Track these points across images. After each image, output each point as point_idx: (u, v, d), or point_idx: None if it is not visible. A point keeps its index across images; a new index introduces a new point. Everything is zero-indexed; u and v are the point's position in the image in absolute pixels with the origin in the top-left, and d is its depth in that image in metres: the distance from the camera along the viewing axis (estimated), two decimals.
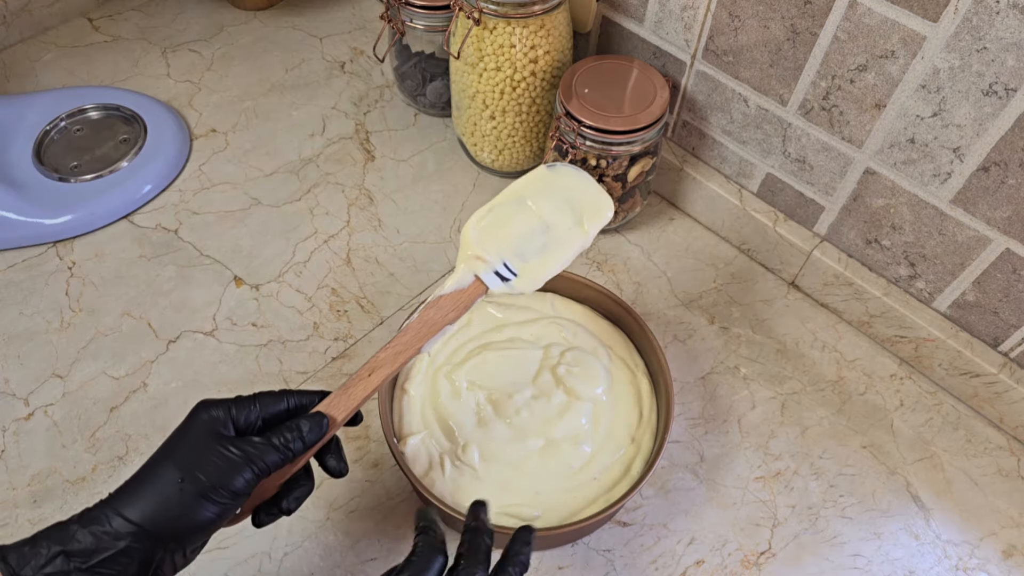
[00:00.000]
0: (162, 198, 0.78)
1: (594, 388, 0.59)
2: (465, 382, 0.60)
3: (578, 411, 0.58)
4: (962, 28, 0.50)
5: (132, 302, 0.70)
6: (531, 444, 0.57)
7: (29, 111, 0.82)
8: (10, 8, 0.89)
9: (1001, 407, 0.64)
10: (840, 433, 0.64)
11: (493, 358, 0.61)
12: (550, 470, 0.56)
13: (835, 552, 0.58)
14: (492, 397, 0.59)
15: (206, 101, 0.87)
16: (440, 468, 0.56)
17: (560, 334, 0.63)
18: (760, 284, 0.74)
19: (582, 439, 0.57)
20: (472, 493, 0.54)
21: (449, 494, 0.55)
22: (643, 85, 0.68)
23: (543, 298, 0.66)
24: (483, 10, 0.66)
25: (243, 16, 0.97)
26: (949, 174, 0.57)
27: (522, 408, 0.58)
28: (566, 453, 0.57)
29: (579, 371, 0.60)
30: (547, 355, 0.61)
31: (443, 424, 0.58)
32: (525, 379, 0.60)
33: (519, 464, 0.56)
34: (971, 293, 0.62)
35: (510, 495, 0.55)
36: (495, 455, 0.56)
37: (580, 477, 0.56)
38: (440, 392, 0.59)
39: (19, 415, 0.63)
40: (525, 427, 0.57)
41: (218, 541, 0.57)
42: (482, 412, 0.58)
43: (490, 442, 0.57)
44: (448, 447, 0.57)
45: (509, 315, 0.64)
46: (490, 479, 0.56)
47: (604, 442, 0.58)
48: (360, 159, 0.83)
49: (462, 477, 0.56)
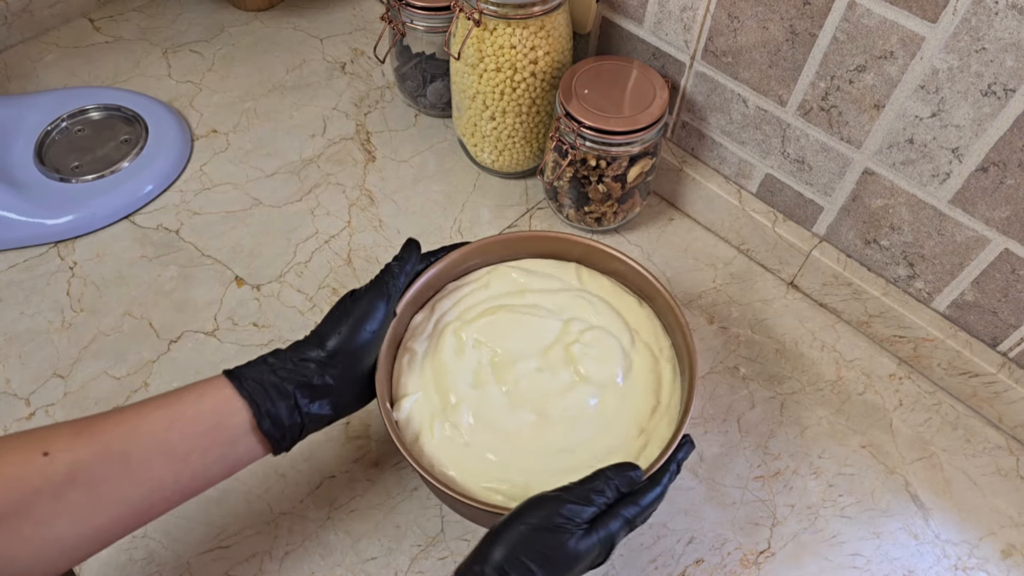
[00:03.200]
0: (163, 198, 0.78)
1: (608, 373, 0.56)
2: (472, 339, 0.56)
3: (584, 393, 0.55)
4: (961, 29, 0.51)
5: (133, 302, 0.70)
6: (522, 417, 0.53)
7: (30, 111, 0.82)
8: (11, 9, 0.89)
9: (1000, 407, 0.64)
10: (839, 433, 0.65)
11: (509, 319, 0.57)
12: (543, 448, 0.53)
13: (834, 551, 0.58)
14: (495, 359, 0.56)
15: (207, 102, 0.87)
16: (430, 433, 0.53)
17: (585, 309, 0.59)
18: (759, 284, 0.74)
19: (582, 422, 0.54)
20: (459, 462, 0.52)
21: (437, 462, 0.52)
22: (643, 86, 0.69)
23: (567, 267, 0.62)
24: (483, 11, 0.66)
25: (244, 17, 0.97)
26: (948, 174, 0.57)
27: (522, 377, 0.55)
28: (559, 433, 0.53)
29: (595, 352, 0.56)
30: (566, 330, 0.58)
31: (439, 381, 0.55)
32: (535, 349, 0.56)
33: (508, 436, 0.53)
34: (970, 293, 0.62)
35: (495, 468, 0.52)
36: (485, 421, 0.53)
37: (574, 460, 0.52)
38: (444, 348, 0.56)
39: (20, 415, 0.63)
40: (521, 398, 0.54)
41: (218, 540, 0.57)
42: (481, 373, 0.55)
43: (483, 406, 0.54)
44: (439, 406, 0.54)
45: (531, 281, 0.61)
46: (479, 446, 0.52)
47: (608, 429, 0.54)
48: (361, 160, 0.83)
49: (451, 445, 0.53)
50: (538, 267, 0.62)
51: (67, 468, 0.41)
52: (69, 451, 0.42)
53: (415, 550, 0.57)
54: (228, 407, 0.47)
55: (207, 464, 0.46)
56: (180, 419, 0.45)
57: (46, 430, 0.43)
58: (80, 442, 0.43)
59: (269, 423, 0.47)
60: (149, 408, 0.46)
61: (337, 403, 0.51)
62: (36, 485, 0.41)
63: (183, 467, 0.45)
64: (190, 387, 0.48)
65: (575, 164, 0.70)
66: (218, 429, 0.46)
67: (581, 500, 0.45)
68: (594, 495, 0.46)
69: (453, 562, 0.57)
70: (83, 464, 0.42)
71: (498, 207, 0.79)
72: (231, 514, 0.59)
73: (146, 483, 0.44)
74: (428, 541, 0.58)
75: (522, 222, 0.78)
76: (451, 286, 0.61)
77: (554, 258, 0.63)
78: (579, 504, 0.45)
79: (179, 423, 0.45)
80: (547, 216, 0.78)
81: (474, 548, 0.45)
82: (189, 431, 0.45)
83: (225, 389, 0.47)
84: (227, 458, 0.47)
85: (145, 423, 0.45)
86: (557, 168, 0.72)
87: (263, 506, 0.59)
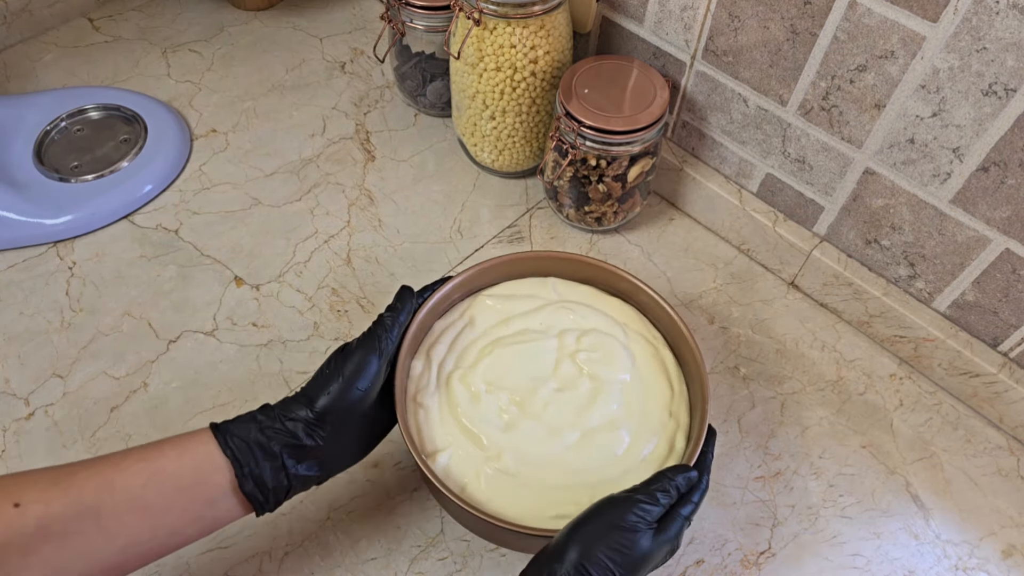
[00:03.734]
0: (162, 198, 0.78)
1: (618, 369, 0.56)
2: (483, 384, 0.56)
3: (608, 396, 0.55)
4: (962, 28, 0.50)
5: (132, 302, 0.70)
6: (567, 438, 0.54)
7: (29, 111, 0.82)
8: (10, 8, 0.89)
9: (1001, 407, 0.64)
10: (840, 433, 0.65)
11: (507, 354, 0.57)
12: (594, 460, 0.53)
13: (835, 552, 0.58)
14: (515, 397, 0.55)
15: (206, 101, 0.87)
16: (477, 481, 0.52)
17: (570, 318, 0.59)
18: (760, 284, 0.74)
19: (618, 423, 0.54)
20: (519, 502, 0.51)
21: (492, 507, 0.51)
22: (643, 85, 0.68)
23: (543, 283, 0.62)
24: (483, 10, 0.66)
25: (243, 16, 0.97)
26: (949, 174, 0.57)
27: (549, 403, 0.55)
28: (605, 440, 0.54)
29: (600, 355, 0.57)
30: (562, 343, 0.58)
31: (468, 433, 0.54)
32: (545, 372, 0.57)
33: (559, 461, 0.53)
34: (971, 293, 0.62)
35: (560, 493, 0.52)
36: (532, 457, 0.53)
37: (627, 461, 0.53)
38: (458, 399, 0.55)
39: (19, 415, 0.63)
40: (557, 422, 0.54)
41: (218, 541, 0.57)
42: (507, 414, 0.55)
43: (523, 444, 0.53)
44: (480, 457, 0.53)
45: (510, 306, 0.61)
46: (534, 483, 0.52)
47: (642, 421, 0.55)
48: (360, 159, 0.83)
49: (504, 487, 0.52)
50: (514, 289, 0.62)
51: (37, 521, 0.40)
52: (41, 503, 0.41)
53: (415, 551, 0.57)
54: (210, 464, 0.45)
55: (185, 522, 0.45)
56: (159, 473, 0.44)
57: (19, 478, 0.42)
58: (53, 494, 0.41)
59: (252, 484, 0.46)
60: (128, 461, 0.44)
61: (326, 464, 0.49)
62: (5, 538, 0.39)
63: (160, 523, 0.44)
64: (173, 440, 0.46)
65: (575, 164, 0.70)
66: (198, 487, 0.45)
67: (651, 500, 0.46)
68: (660, 494, 0.46)
69: (453, 563, 0.57)
70: (54, 518, 0.41)
71: (498, 207, 0.79)
72: None
73: (119, 539, 0.43)
74: (428, 542, 0.58)
75: (522, 222, 0.78)
76: (438, 326, 0.60)
77: (531, 276, 0.63)
78: (650, 503, 0.46)
79: (157, 477, 0.44)
80: (547, 216, 0.78)
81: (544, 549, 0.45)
82: (168, 486, 0.44)
83: (208, 445, 0.45)
84: (204, 518, 0.46)
85: (121, 476, 0.43)
86: (557, 168, 0.72)
87: None
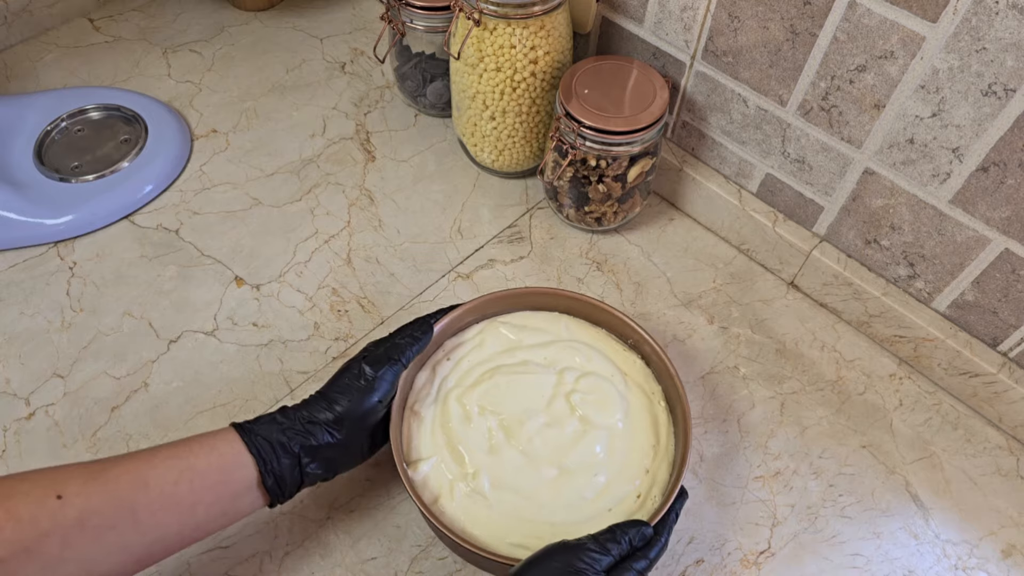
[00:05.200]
0: (163, 198, 0.78)
1: (610, 416, 0.58)
2: (476, 406, 0.58)
3: (592, 439, 0.57)
4: (961, 28, 0.50)
5: (133, 302, 0.70)
6: (544, 473, 0.55)
7: (30, 111, 0.82)
8: (11, 8, 0.89)
9: (1000, 407, 0.64)
10: (839, 433, 0.65)
11: (505, 382, 0.59)
12: (563, 500, 0.54)
13: (834, 551, 0.58)
14: (504, 423, 0.57)
15: (207, 101, 0.87)
16: (450, 496, 0.54)
17: (574, 358, 0.61)
18: (759, 284, 0.74)
19: (596, 468, 0.56)
20: (483, 523, 0.53)
21: (459, 523, 0.53)
22: (643, 85, 0.69)
23: (556, 320, 0.64)
24: (483, 11, 0.66)
25: (244, 17, 0.97)
26: (948, 174, 0.57)
27: (535, 436, 0.57)
28: (579, 483, 0.55)
29: (594, 399, 0.58)
30: (561, 380, 0.59)
31: (453, 449, 0.56)
32: (538, 405, 0.58)
33: (531, 493, 0.55)
34: (970, 293, 0.62)
35: (524, 525, 0.53)
36: (507, 483, 0.55)
37: (593, 508, 0.54)
38: (451, 416, 0.58)
39: (20, 415, 0.63)
40: (538, 455, 0.56)
41: (218, 541, 0.57)
42: (494, 438, 0.57)
43: (502, 470, 0.55)
44: (458, 472, 0.55)
45: (523, 337, 0.62)
46: (502, 508, 0.54)
47: (620, 472, 0.56)
48: (360, 159, 0.83)
49: (473, 506, 0.54)
50: (528, 321, 0.64)
51: (78, 513, 0.42)
52: (82, 496, 0.43)
53: (415, 550, 0.57)
54: (236, 461, 0.48)
55: (211, 516, 0.48)
56: (189, 471, 0.47)
57: (59, 471, 0.44)
58: (92, 488, 0.43)
59: (272, 480, 0.49)
60: (160, 457, 0.47)
61: (335, 463, 0.53)
62: (46, 528, 0.41)
63: (188, 518, 0.47)
64: (200, 438, 0.49)
65: (575, 164, 0.70)
66: (225, 483, 0.48)
67: (600, 550, 0.48)
68: (611, 545, 0.48)
69: (453, 562, 0.57)
70: (94, 511, 0.43)
71: (498, 207, 0.79)
72: None
73: (151, 533, 0.45)
74: (428, 541, 0.58)
75: (522, 222, 0.78)
76: (449, 344, 0.62)
77: (543, 310, 0.65)
78: (599, 552, 0.48)
79: (188, 475, 0.47)
80: (547, 216, 0.78)
81: None
82: (198, 483, 0.47)
83: (235, 443, 0.49)
84: (228, 513, 0.49)
85: (155, 473, 0.46)
86: (557, 168, 0.72)
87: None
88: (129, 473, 0.45)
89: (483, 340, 0.62)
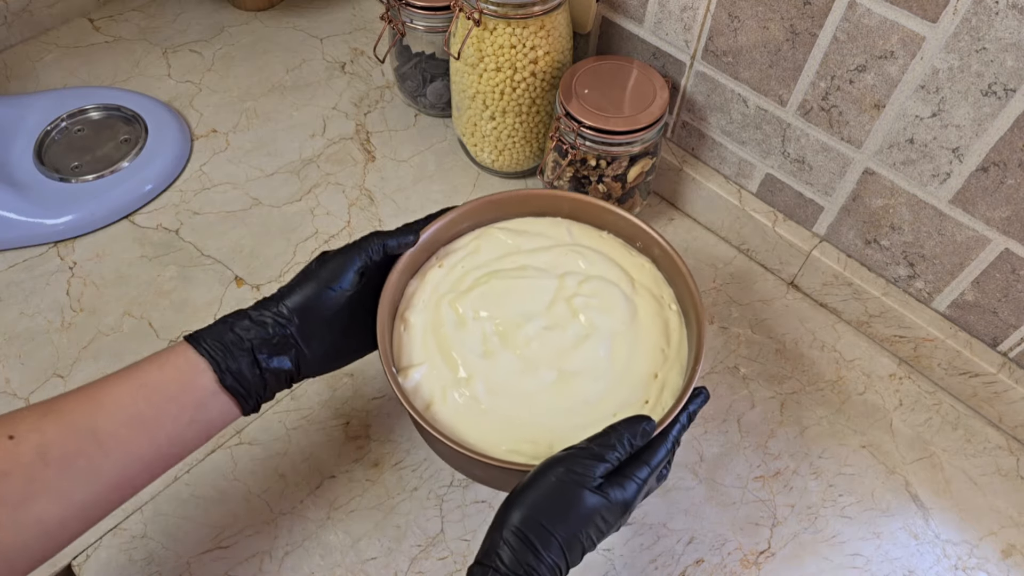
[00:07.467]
0: (163, 198, 0.78)
1: (614, 319, 0.54)
2: (471, 311, 0.55)
3: (595, 342, 0.53)
4: (961, 28, 0.50)
5: (133, 302, 0.70)
6: (543, 377, 0.52)
7: (30, 111, 0.82)
8: (11, 8, 0.89)
9: (1000, 407, 0.64)
10: (839, 433, 0.65)
11: (502, 286, 0.56)
12: (563, 405, 0.51)
13: (834, 551, 0.58)
14: (500, 328, 0.54)
15: (207, 101, 0.87)
16: (443, 402, 0.52)
17: (578, 262, 0.58)
18: (759, 284, 0.74)
19: (599, 372, 0.53)
20: (477, 428, 0.51)
21: (452, 429, 0.51)
22: (643, 85, 0.69)
23: (558, 224, 0.61)
24: (483, 11, 0.66)
25: (244, 17, 0.97)
26: (948, 174, 0.57)
27: (533, 339, 0.54)
28: (581, 387, 0.52)
29: (598, 302, 0.55)
30: (562, 285, 0.56)
31: (445, 355, 0.53)
32: (537, 309, 0.55)
33: (529, 398, 0.52)
34: (970, 293, 0.62)
35: (519, 430, 0.50)
36: (502, 388, 0.52)
37: (596, 412, 0.51)
38: (444, 321, 0.55)
39: None
40: (536, 359, 0.53)
41: (218, 541, 0.57)
42: (489, 343, 0.54)
43: (497, 375, 0.52)
44: (451, 379, 0.52)
45: (521, 242, 0.59)
46: (497, 413, 0.51)
47: (623, 376, 0.53)
48: (360, 159, 0.83)
49: (468, 411, 0.51)
50: (527, 226, 0.61)
51: (35, 448, 0.41)
52: (36, 431, 0.42)
53: (415, 550, 0.57)
54: (191, 368, 0.47)
55: (180, 429, 0.46)
56: (144, 387, 0.46)
57: (9, 415, 0.43)
58: (46, 422, 0.43)
59: (232, 379, 0.48)
60: (113, 381, 0.46)
61: (299, 359, 0.51)
62: (5, 468, 0.40)
63: (156, 433, 0.45)
64: (152, 356, 0.48)
65: (575, 164, 0.70)
66: (185, 392, 0.46)
67: (593, 457, 0.45)
68: (606, 451, 0.45)
69: (453, 562, 0.57)
70: (51, 443, 0.42)
71: None
72: (231, 514, 0.59)
73: (119, 454, 0.44)
74: (428, 541, 0.58)
75: None
76: (442, 251, 0.60)
77: (545, 215, 0.62)
78: (591, 460, 0.44)
79: (144, 391, 0.45)
80: None
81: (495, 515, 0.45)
82: (156, 398, 0.46)
83: (187, 352, 0.47)
84: (198, 421, 0.47)
85: (110, 395, 0.45)
86: (557, 168, 0.72)
87: (263, 506, 0.59)
88: (84, 401, 0.44)
89: (478, 246, 0.59)
